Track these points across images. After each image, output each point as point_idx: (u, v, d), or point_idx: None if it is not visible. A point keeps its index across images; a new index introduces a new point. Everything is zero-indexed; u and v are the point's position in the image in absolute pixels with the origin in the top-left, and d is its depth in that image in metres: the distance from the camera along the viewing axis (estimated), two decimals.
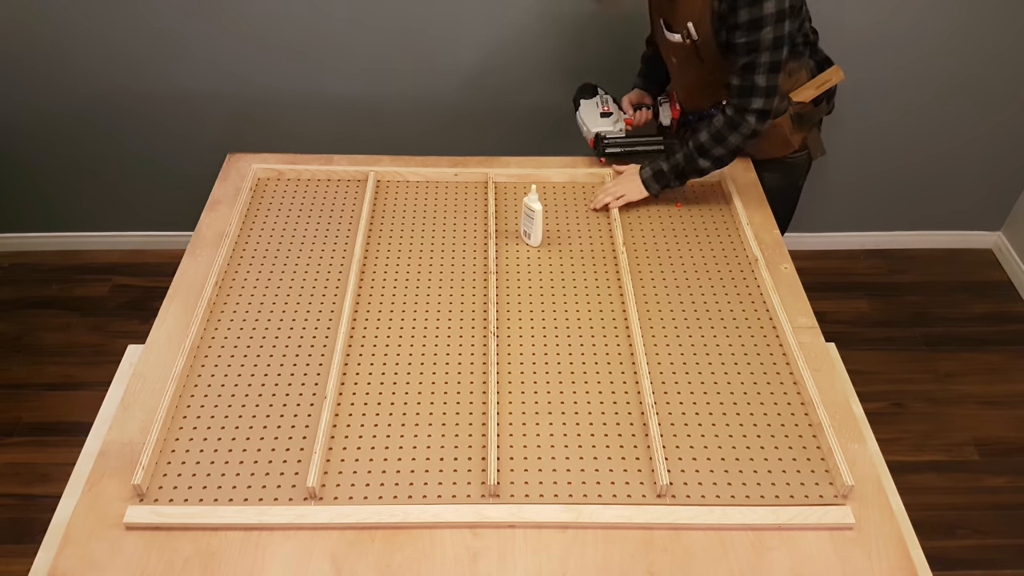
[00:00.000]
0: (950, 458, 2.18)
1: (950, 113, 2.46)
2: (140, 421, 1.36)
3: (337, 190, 1.88)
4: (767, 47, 1.55)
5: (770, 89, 1.61)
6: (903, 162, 2.58)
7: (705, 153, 1.71)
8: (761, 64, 1.57)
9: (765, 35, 1.54)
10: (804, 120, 1.82)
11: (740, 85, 1.61)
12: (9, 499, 2.08)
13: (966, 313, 2.59)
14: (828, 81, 1.79)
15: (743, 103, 1.63)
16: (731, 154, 1.71)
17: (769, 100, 1.63)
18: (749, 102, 1.62)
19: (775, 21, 1.53)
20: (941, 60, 2.33)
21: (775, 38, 1.55)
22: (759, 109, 1.62)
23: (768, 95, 1.62)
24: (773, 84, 1.61)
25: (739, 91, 1.62)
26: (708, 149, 1.70)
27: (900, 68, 2.34)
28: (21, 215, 2.70)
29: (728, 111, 1.66)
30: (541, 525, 1.21)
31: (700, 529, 1.21)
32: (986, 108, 2.45)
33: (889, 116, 2.46)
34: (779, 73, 1.60)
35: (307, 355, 1.48)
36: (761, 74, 1.59)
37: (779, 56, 1.58)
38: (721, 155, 1.71)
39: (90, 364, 2.41)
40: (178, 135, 2.47)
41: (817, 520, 1.21)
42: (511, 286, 1.63)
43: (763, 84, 1.59)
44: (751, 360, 1.48)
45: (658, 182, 1.78)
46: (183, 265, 1.67)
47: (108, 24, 2.22)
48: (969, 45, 2.30)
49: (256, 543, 1.20)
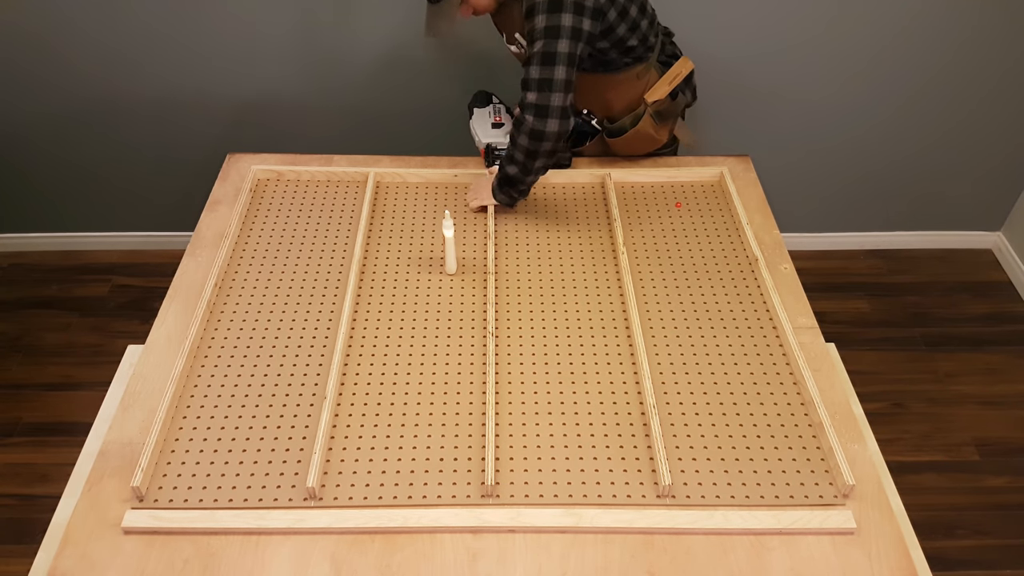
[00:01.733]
0: (950, 458, 2.18)
1: (950, 113, 2.46)
2: (140, 421, 1.36)
3: (337, 191, 1.88)
4: (539, 36, 1.54)
5: (543, 83, 1.54)
6: (903, 162, 2.58)
7: (510, 160, 1.67)
8: (535, 56, 1.55)
9: (538, 23, 1.53)
10: (665, 115, 1.83)
11: (521, 80, 1.59)
12: (9, 499, 2.08)
13: (966, 313, 2.59)
14: (679, 75, 1.80)
15: (521, 100, 1.60)
16: (530, 156, 1.63)
17: (545, 95, 1.55)
18: (524, 97, 1.58)
19: (547, 11, 1.52)
20: (942, 60, 2.33)
21: (547, 27, 1.53)
22: (534, 103, 1.56)
23: (542, 88, 1.55)
24: (548, 77, 1.54)
25: (521, 86, 1.59)
26: (511, 155, 1.67)
27: (901, 68, 2.34)
28: (21, 215, 2.70)
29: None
30: (541, 530, 1.21)
31: (701, 534, 1.21)
32: (986, 108, 2.45)
33: (889, 116, 2.46)
34: (556, 67, 1.54)
35: (307, 355, 1.48)
36: (534, 66, 1.55)
37: (553, 48, 1.53)
38: (521, 160, 1.65)
39: (90, 364, 2.41)
40: (178, 135, 2.47)
41: (818, 525, 1.21)
42: (511, 286, 1.63)
43: (536, 76, 1.55)
44: (751, 360, 1.48)
45: (501, 191, 1.74)
46: (183, 265, 1.67)
47: (107, 24, 2.22)
48: (971, 46, 2.30)
49: (256, 543, 1.20)
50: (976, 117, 2.47)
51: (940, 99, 2.42)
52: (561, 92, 1.56)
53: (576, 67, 1.58)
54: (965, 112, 2.46)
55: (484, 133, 1.87)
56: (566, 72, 1.55)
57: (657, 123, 1.82)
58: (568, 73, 1.56)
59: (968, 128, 2.50)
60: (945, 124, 2.49)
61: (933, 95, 2.41)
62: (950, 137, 2.52)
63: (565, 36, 1.54)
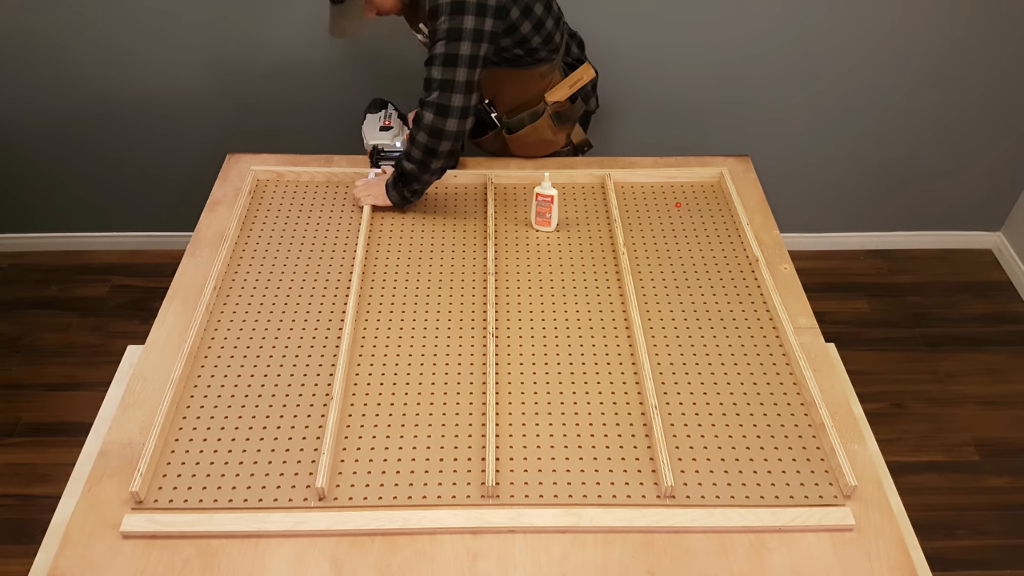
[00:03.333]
0: (950, 458, 2.18)
1: (950, 113, 2.46)
2: (140, 422, 1.36)
3: (337, 191, 1.88)
4: (442, 37, 1.54)
5: (445, 83, 1.56)
6: (903, 162, 2.58)
7: (408, 156, 1.67)
8: (437, 56, 1.55)
9: (441, 24, 1.53)
10: (564, 118, 1.85)
11: (424, 79, 1.59)
12: (9, 499, 2.08)
13: (966, 313, 2.59)
14: (580, 80, 1.81)
15: (422, 97, 1.60)
16: (428, 154, 1.64)
17: (446, 95, 1.56)
18: (425, 95, 1.59)
19: (450, 13, 1.53)
20: (942, 61, 2.33)
21: (450, 29, 1.53)
22: (435, 102, 1.57)
23: (444, 88, 1.56)
24: (449, 78, 1.55)
25: (423, 86, 1.60)
26: (408, 152, 1.67)
27: (901, 68, 2.34)
28: (21, 215, 2.70)
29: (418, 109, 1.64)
30: (541, 530, 1.21)
31: (701, 532, 1.21)
32: (986, 108, 2.45)
33: (889, 116, 2.46)
34: (458, 68, 1.55)
35: (307, 356, 1.48)
36: (437, 66, 1.55)
37: (455, 49, 1.54)
38: (419, 157, 1.65)
39: (90, 364, 2.41)
40: (178, 135, 2.47)
41: (817, 522, 1.21)
42: (511, 287, 1.63)
43: (438, 77, 1.56)
44: (751, 360, 1.48)
45: (395, 189, 1.74)
46: (183, 265, 1.67)
47: (107, 24, 2.22)
48: (967, 45, 2.30)
49: (256, 543, 1.20)
50: (976, 117, 2.47)
51: (940, 99, 2.42)
52: (462, 93, 1.57)
53: (479, 68, 1.58)
54: (965, 112, 2.46)
55: (372, 135, 1.88)
56: (467, 74, 1.56)
57: (556, 125, 1.85)
58: (470, 75, 1.56)
59: (968, 128, 2.50)
60: (945, 124, 2.49)
61: (933, 94, 2.41)
62: (950, 137, 2.52)
63: (467, 39, 1.54)
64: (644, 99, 2.40)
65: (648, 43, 2.28)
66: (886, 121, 2.47)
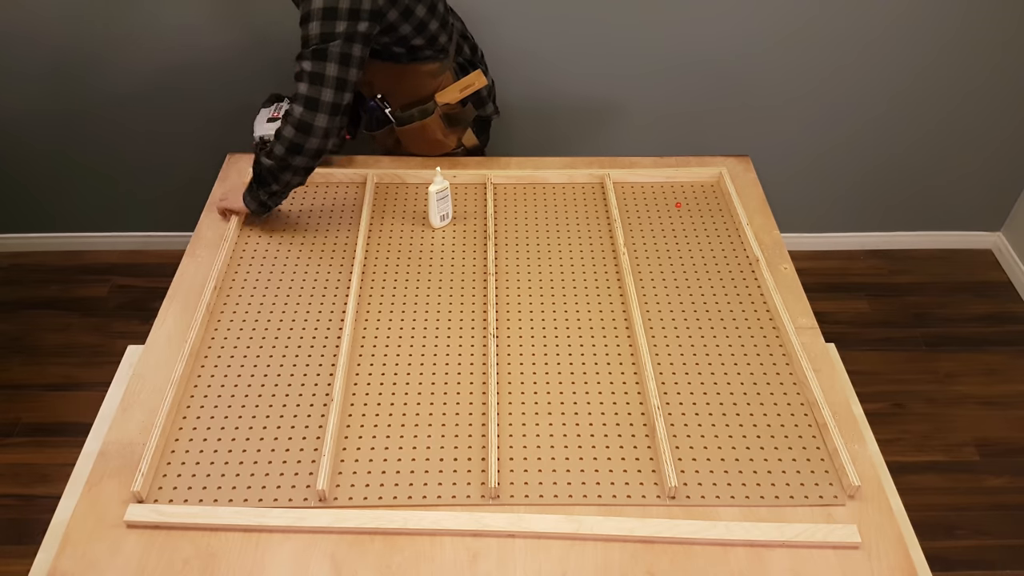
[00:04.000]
0: (950, 458, 2.18)
1: (950, 113, 2.46)
2: (140, 422, 1.36)
3: (336, 192, 1.88)
4: (309, 55, 1.52)
5: (315, 76, 1.52)
6: (902, 162, 2.58)
7: (269, 153, 1.61)
8: (306, 53, 1.53)
9: (312, 28, 1.52)
10: (456, 121, 1.86)
11: (294, 72, 1.56)
12: (9, 499, 2.08)
13: (966, 313, 2.59)
14: (471, 85, 1.81)
15: (292, 93, 1.56)
16: (291, 151, 1.58)
17: (316, 88, 1.53)
18: (295, 88, 1.55)
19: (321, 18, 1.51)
20: (941, 60, 2.33)
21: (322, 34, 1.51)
22: (304, 95, 1.53)
23: (313, 82, 1.52)
24: (319, 72, 1.52)
25: (294, 77, 1.56)
26: (271, 149, 1.61)
27: (901, 68, 2.34)
28: (21, 215, 2.70)
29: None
30: (541, 535, 1.21)
31: (703, 544, 1.21)
32: (986, 108, 2.45)
33: (889, 116, 2.46)
34: (328, 63, 1.52)
35: (307, 356, 1.48)
36: (306, 60, 1.53)
37: (321, 69, 1.52)
38: (281, 154, 1.59)
39: (90, 364, 2.41)
40: (178, 135, 2.47)
41: (823, 538, 1.20)
42: (511, 288, 1.63)
43: (308, 69, 1.53)
44: (751, 361, 1.48)
45: (251, 195, 1.68)
46: (183, 266, 1.67)
47: (107, 23, 2.22)
48: (970, 46, 2.30)
49: (256, 543, 1.20)
50: (976, 117, 2.47)
51: (940, 98, 2.42)
52: (332, 88, 1.54)
53: (354, 67, 1.55)
54: (965, 112, 2.46)
55: (259, 127, 1.86)
56: (338, 70, 1.53)
57: (446, 127, 1.86)
58: (341, 71, 1.53)
59: (968, 128, 2.50)
60: (945, 124, 2.49)
61: (933, 94, 2.41)
62: (950, 137, 2.52)
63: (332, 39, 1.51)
64: (644, 99, 2.40)
65: (647, 43, 2.28)
66: (886, 121, 2.47)
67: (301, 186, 1.74)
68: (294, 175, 1.63)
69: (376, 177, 1.89)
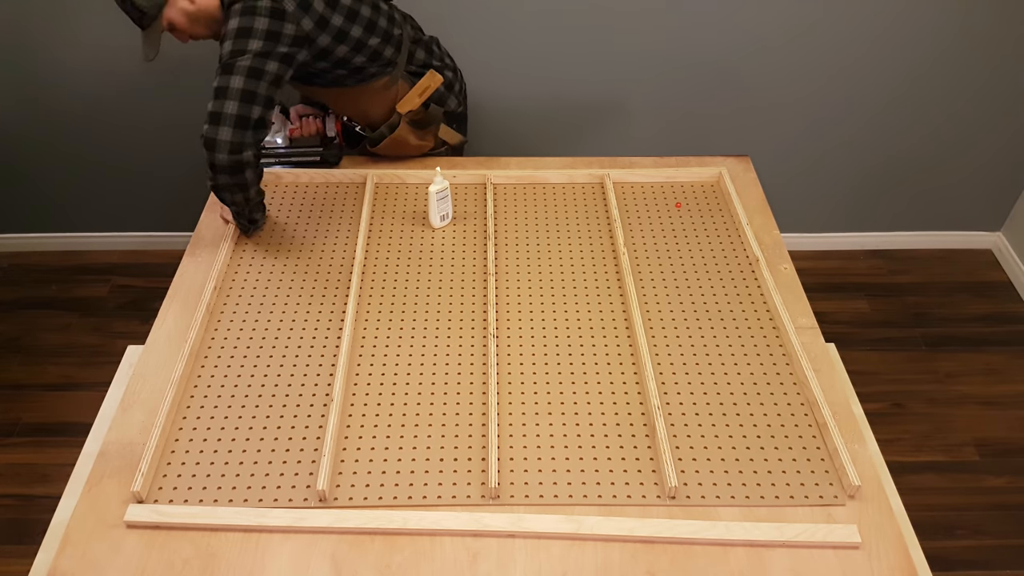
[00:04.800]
0: (950, 458, 2.18)
1: (950, 113, 2.46)
2: (140, 422, 1.36)
3: (336, 192, 1.88)
4: (218, 71, 1.51)
5: (219, 90, 1.49)
6: (903, 162, 2.58)
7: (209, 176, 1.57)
8: (216, 71, 1.51)
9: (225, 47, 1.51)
10: (424, 123, 1.86)
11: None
12: (9, 499, 2.08)
13: (966, 313, 2.59)
14: (428, 88, 1.81)
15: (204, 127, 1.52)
16: (210, 170, 1.53)
17: (219, 102, 1.49)
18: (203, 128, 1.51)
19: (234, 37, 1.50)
20: (941, 60, 2.33)
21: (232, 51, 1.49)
22: (208, 111, 1.50)
23: (217, 96, 1.49)
24: (224, 85, 1.49)
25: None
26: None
27: (901, 67, 2.35)
28: (21, 215, 2.70)
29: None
30: (541, 535, 1.21)
31: (703, 544, 1.21)
32: (986, 109, 2.45)
33: (889, 116, 2.46)
34: (234, 76, 1.49)
35: (307, 356, 1.48)
36: (215, 77, 1.51)
37: (226, 82, 1.49)
38: (208, 176, 1.55)
39: (90, 364, 2.41)
40: (178, 135, 2.47)
41: (823, 538, 1.20)
42: (511, 288, 1.63)
43: (214, 85, 1.50)
44: (751, 360, 1.48)
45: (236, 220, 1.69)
46: (183, 265, 1.67)
47: (106, 23, 2.22)
48: (970, 47, 2.30)
49: (256, 543, 1.20)
50: (976, 116, 2.47)
51: (940, 98, 2.42)
52: (236, 100, 1.49)
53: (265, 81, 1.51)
54: (965, 111, 2.46)
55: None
56: (244, 83, 1.49)
57: (417, 131, 1.86)
58: (249, 84, 1.49)
59: (968, 127, 2.50)
60: (945, 123, 2.49)
61: (933, 94, 2.41)
62: (950, 137, 2.52)
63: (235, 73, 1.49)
64: (644, 99, 2.40)
65: (648, 43, 2.28)
66: (886, 121, 2.47)
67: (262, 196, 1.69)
68: (231, 193, 1.58)
69: (376, 177, 1.89)
